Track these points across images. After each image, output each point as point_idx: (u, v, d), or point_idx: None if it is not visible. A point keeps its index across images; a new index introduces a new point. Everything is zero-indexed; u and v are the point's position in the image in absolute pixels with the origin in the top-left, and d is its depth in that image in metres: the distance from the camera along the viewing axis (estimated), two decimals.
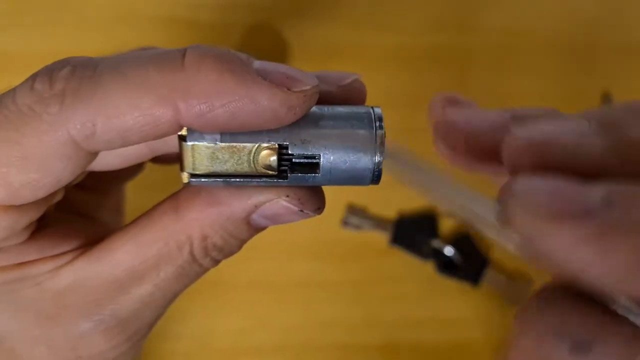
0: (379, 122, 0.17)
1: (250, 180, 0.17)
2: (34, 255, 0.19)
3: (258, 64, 0.16)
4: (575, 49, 0.46)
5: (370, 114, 0.17)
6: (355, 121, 0.17)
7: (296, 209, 0.18)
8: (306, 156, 0.17)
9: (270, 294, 0.42)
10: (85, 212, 0.24)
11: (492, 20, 0.45)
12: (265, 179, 0.17)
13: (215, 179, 0.17)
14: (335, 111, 0.18)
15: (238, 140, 0.17)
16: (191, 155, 0.17)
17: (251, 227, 0.19)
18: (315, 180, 0.17)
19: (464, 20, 0.45)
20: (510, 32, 0.45)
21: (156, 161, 0.24)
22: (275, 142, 0.17)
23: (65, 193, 0.20)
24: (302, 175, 0.17)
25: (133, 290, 0.19)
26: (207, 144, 0.16)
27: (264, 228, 0.19)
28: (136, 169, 0.26)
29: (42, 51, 0.41)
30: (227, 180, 0.17)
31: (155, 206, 0.19)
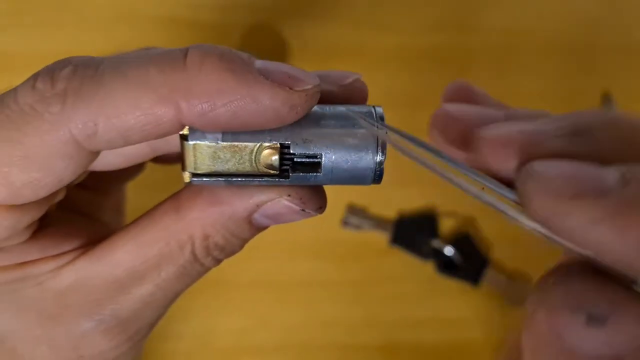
0: (380, 122, 0.17)
1: (252, 179, 0.17)
2: (35, 255, 0.19)
3: (260, 63, 0.16)
4: (575, 49, 0.46)
5: (371, 113, 0.17)
6: (357, 120, 0.17)
7: (298, 208, 0.18)
8: (308, 155, 0.17)
9: (271, 293, 0.42)
10: (86, 212, 0.24)
11: (492, 20, 0.45)
12: (267, 179, 0.17)
13: (217, 179, 0.17)
14: (337, 110, 0.18)
15: (240, 140, 0.17)
16: (193, 154, 0.17)
17: (253, 227, 0.19)
18: (317, 179, 0.17)
19: (464, 20, 0.45)
20: (510, 32, 0.45)
21: (157, 161, 0.24)
22: (277, 142, 0.17)
23: (67, 192, 0.20)
24: (304, 174, 0.17)
25: (134, 290, 0.19)
26: (209, 143, 0.16)
27: (265, 227, 0.19)
28: (137, 168, 0.26)
29: (42, 51, 0.41)
30: (229, 180, 0.17)
31: (156, 206, 0.19)
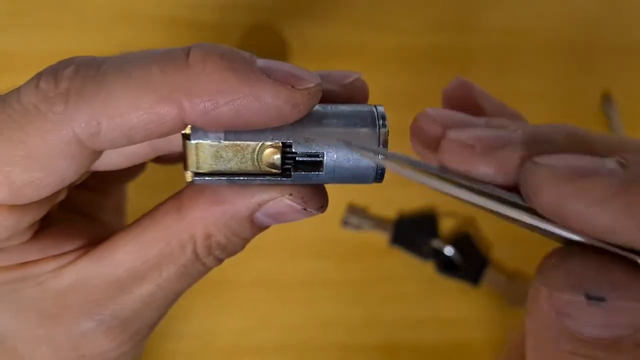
0: (382, 121, 0.17)
1: (254, 178, 0.17)
2: (36, 255, 0.19)
3: (262, 62, 0.16)
4: (575, 49, 0.46)
5: (373, 113, 0.17)
6: (359, 119, 0.17)
7: (299, 207, 0.18)
8: (310, 154, 0.17)
9: (272, 293, 0.42)
10: (87, 212, 0.23)
11: (492, 20, 0.45)
12: (268, 178, 0.17)
13: (219, 178, 0.17)
14: (339, 110, 0.18)
15: (242, 139, 0.17)
16: (195, 153, 0.17)
17: (254, 226, 0.19)
18: (318, 178, 0.17)
19: (464, 20, 0.45)
20: (510, 32, 0.45)
21: (158, 161, 0.24)
22: (279, 141, 0.17)
23: (68, 193, 0.20)
24: (306, 173, 0.17)
25: (135, 290, 0.19)
26: (211, 142, 0.16)
27: (267, 227, 0.19)
28: (138, 169, 0.26)
29: (42, 51, 0.41)
30: (231, 179, 0.17)
31: (157, 206, 0.19)
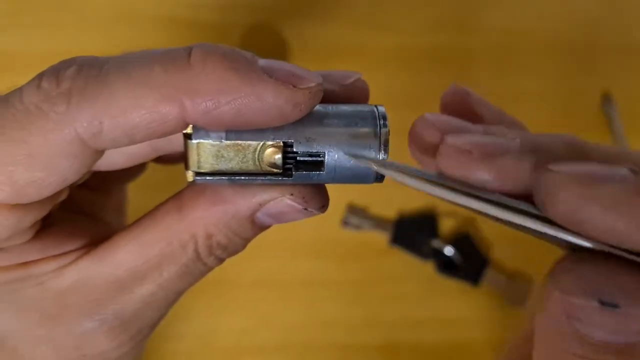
0: (382, 120, 0.17)
1: (255, 178, 0.17)
2: (37, 255, 0.19)
3: (263, 61, 0.16)
4: (575, 49, 0.46)
5: (374, 112, 0.17)
6: (359, 119, 0.17)
7: (300, 207, 0.18)
8: (311, 154, 0.17)
9: (273, 293, 0.42)
10: (88, 212, 0.23)
11: (492, 20, 0.45)
12: (270, 177, 0.17)
13: (220, 177, 0.17)
14: (339, 109, 0.18)
15: (243, 138, 0.17)
16: (196, 153, 0.17)
17: (255, 226, 0.19)
18: (319, 178, 0.17)
19: (464, 20, 0.45)
20: (510, 32, 0.45)
21: (159, 161, 0.24)
22: (280, 140, 0.17)
23: (69, 192, 0.20)
24: (307, 173, 0.17)
25: (135, 290, 0.19)
26: (213, 142, 0.16)
27: (268, 226, 0.19)
28: (138, 169, 0.26)
29: (42, 51, 0.41)
30: (232, 179, 0.17)
31: (158, 206, 0.19)
